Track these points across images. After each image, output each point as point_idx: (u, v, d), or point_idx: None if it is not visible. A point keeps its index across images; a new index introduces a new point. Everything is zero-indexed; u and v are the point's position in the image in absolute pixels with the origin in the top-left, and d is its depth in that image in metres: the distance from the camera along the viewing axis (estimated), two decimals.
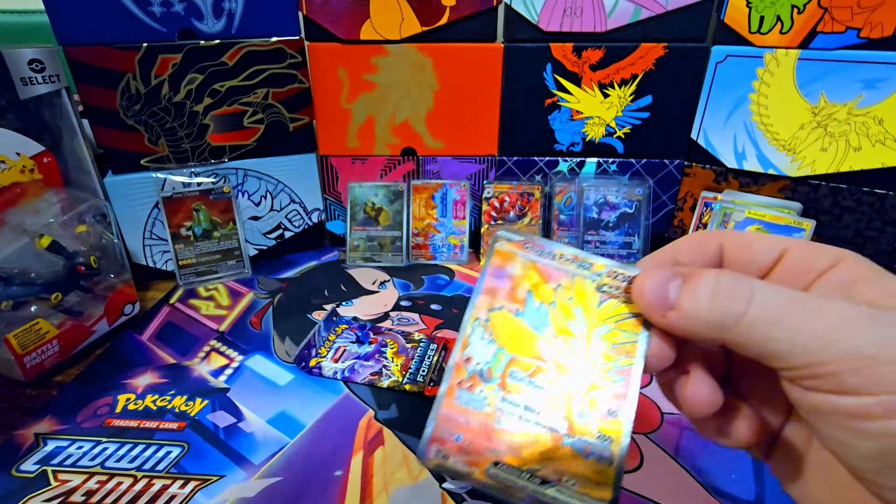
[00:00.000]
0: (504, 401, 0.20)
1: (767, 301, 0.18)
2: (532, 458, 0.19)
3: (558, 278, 0.21)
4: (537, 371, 0.20)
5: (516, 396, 0.20)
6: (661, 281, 0.20)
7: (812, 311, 0.17)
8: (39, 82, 0.48)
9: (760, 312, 0.18)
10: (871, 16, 0.50)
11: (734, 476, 0.36)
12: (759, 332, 0.18)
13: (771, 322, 0.17)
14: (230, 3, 0.54)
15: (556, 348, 0.20)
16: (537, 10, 0.57)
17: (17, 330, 0.43)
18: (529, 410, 0.19)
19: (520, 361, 0.20)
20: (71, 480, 0.36)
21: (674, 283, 0.19)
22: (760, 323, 0.18)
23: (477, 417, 0.19)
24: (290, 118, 0.61)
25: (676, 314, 0.19)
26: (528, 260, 0.21)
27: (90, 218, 0.50)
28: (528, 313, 0.21)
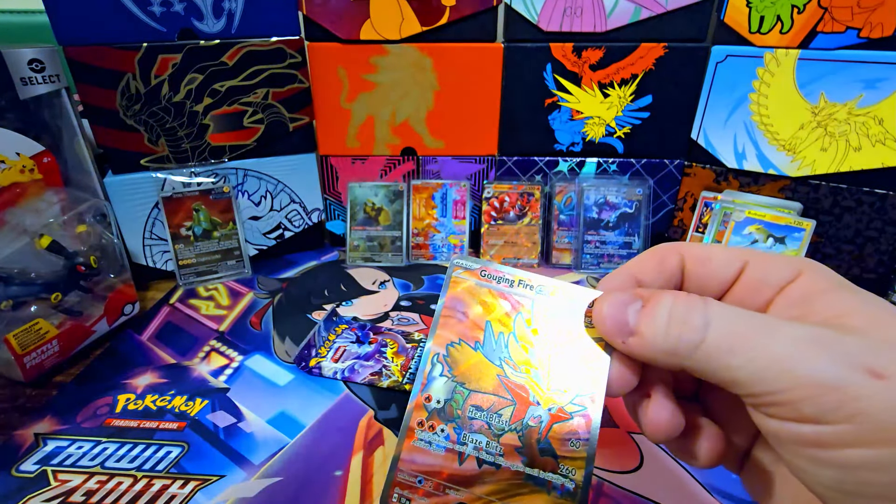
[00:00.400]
0: (465, 439, 0.19)
1: (723, 327, 0.17)
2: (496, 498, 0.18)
3: (517, 306, 0.20)
4: (498, 405, 0.20)
5: (477, 435, 0.19)
6: (620, 306, 0.19)
7: (766, 335, 0.17)
8: (39, 82, 0.48)
9: (716, 340, 0.17)
10: (871, 16, 0.50)
11: (734, 476, 0.36)
12: (716, 361, 0.17)
13: (727, 350, 0.17)
14: (230, 3, 0.54)
15: (517, 380, 0.20)
16: (537, 10, 0.57)
17: (16, 330, 0.43)
18: (491, 448, 0.19)
19: (481, 397, 0.20)
20: (71, 480, 0.36)
21: (632, 308, 0.19)
22: (717, 351, 0.17)
23: (438, 458, 0.19)
24: (290, 118, 0.61)
25: (636, 340, 0.19)
26: (485, 288, 0.20)
27: (90, 218, 0.50)
28: (487, 345, 0.20)
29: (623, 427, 0.40)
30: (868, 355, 0.15)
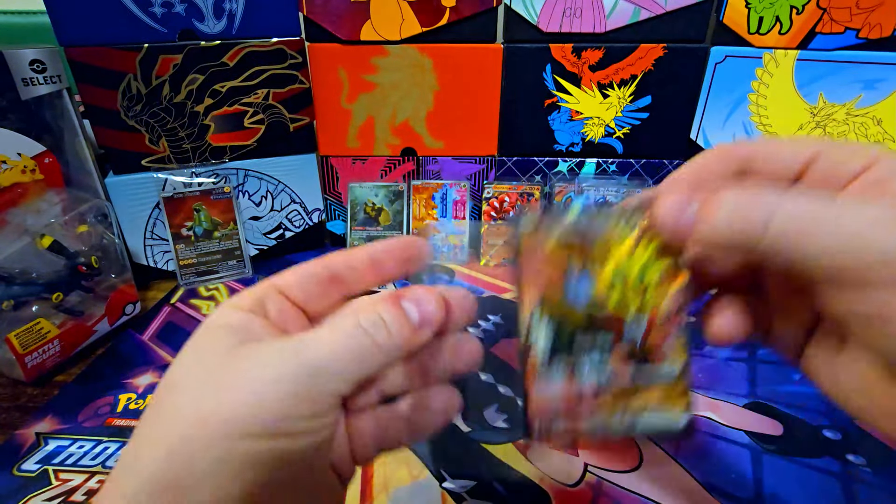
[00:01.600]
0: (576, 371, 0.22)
1: (792, 211, 0.17)
2: (616, 404, 0.21)
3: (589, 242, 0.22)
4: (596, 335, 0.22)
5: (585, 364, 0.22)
6: (678, 208, 0.19)
7: (842, 214, 0.16)
8: (41, 83, 0.48)
9: (785, 224, 0.17)
10: (870, 16, 0.50)
11: (734, 476, 0.37)
12: (784, 244, 0.17)
13: (796, 232, 0.17)
14: (231, 4, 0.54)
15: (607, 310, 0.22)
16: (537, 10, 0.57)
17: (18, 330, 0.43)
18: (602, 370, 0.22)
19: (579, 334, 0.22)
20: (72, 480, 0.36)
21: (690, 209, 0.19)
22: (785, 235, 0.17)
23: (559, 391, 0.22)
24: (291, 118, 0.61)
25: (701, 233, 0.19)
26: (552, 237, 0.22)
27: (91, 218, 0.50)
28: (570, 292, 0.22)
29: None
30: None
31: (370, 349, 0.19)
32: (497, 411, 0.42)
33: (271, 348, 0.19)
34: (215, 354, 0.19)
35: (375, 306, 0.20)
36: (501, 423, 0.41)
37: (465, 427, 0.40)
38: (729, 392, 0.44)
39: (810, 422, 0.41)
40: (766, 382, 0.45)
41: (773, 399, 0.43)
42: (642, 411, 0.21)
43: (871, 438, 0.40)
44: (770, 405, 0.43)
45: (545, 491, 0.35)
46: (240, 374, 0.18)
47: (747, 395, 0.44)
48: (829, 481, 0.36)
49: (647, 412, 0.21)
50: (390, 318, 0.20)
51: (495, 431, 0.40)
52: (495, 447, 0.39)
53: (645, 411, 0.21)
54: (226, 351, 0.19)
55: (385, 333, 0.19)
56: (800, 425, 0.41)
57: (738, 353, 0.49)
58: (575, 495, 0.35)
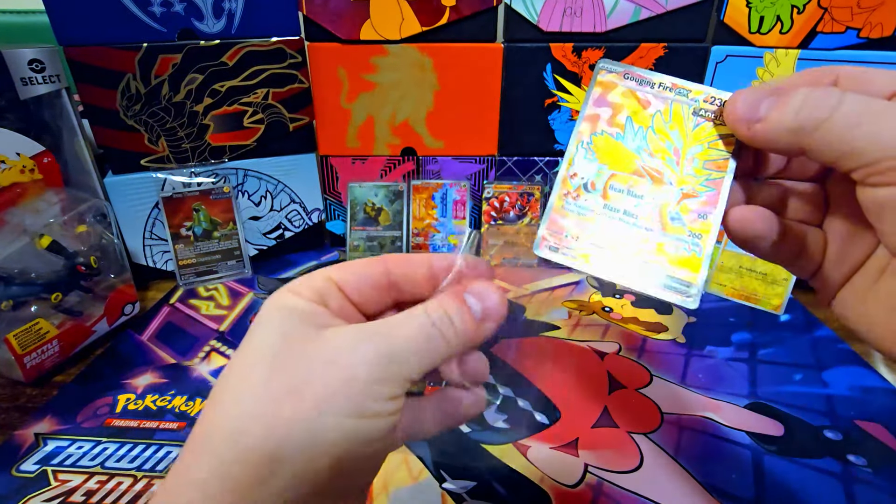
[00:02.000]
0: (605, 207, 0.23)
1: (854, 106, 0.19)
2: (629, 251, 0.22)
3: (656, 105, 0.23)
4: (635, 184, 0.23)
5: (616, 204, 0.23)
6: (756, 96, 0.21)
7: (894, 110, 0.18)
8: (39, 82, 0.48)
9: (844, 117, 0.19)
10: (871, 16, 0.50)
11: (734, 476, 0.36)
12: (840, 133, 0.19)
13: (853, 125, 0.19)
14: (230, 4, 0.54)
15: (653, 165, 0.23)
16: (537, 10, 0.57)
17: (17, 330, 0.43)
18: (628, 215, 0.23)
19: (619, 176, 0.23)
20: (71, 480, 0.36)
21: (767, 100, 0.21)
22: (842, 127, 0.19)
23: (582, 221, 0.23)
24: (290, 118, 0.61)
25: (761, 125, 0.21)
26: (627, 88, 0.23)
27: (90, 218, 0.50)
28: (627, 136, 0.23)
29: (623, 427, 0.40)
30: None
31: (439, 343, 0.20)
32: (497, 411, 0.42)
33: (356, 332, 0.19)
34: (298, 333, 0.19)
35: (441, 301, 0.21)
36: (501, 423, 0.41)
37: (465, 427, 0.40)
38: (730, 392, 0.44)
39: (811, 422, 0.41)
40: (766, 383, 0.45)
41: (773, 399, 0.43)
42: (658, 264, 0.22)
43: (872, 439, 0.39)
44: (771, 406, 0.43)
45: (545, 491, 0.35)
46: (330, 353, 0.19)
47: (748, 395, 0.44)
48: (829, 482, 0.36)
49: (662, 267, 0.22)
50: (456, 314, 0.20)
51: (495, 431, 0.40)
52: (495, 447, 0.39)
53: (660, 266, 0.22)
54: (308, 331, 0.20)
55: (451, 329, 0.20)
56: (800, 426, 0.41)
57: (739, 354, 0.49)
58: (575, 495, 0.35)
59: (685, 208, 0.23)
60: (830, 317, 0.55)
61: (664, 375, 0.46)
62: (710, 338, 0.51)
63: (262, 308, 0.21)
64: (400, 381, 0.19)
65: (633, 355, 0.49)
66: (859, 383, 0.45)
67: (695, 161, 0.23)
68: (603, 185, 0.23)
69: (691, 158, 0.23)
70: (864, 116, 0.19)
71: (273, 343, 0.19)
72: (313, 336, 0.19)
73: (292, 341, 0.19)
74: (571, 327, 0.53)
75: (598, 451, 0.38)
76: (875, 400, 0.43)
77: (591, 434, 0.40)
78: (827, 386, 0.45)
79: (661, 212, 0.23)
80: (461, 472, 0.37)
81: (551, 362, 0.48)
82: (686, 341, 0.51)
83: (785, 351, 0.50)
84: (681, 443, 0.39)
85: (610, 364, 0.47)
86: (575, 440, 0.39)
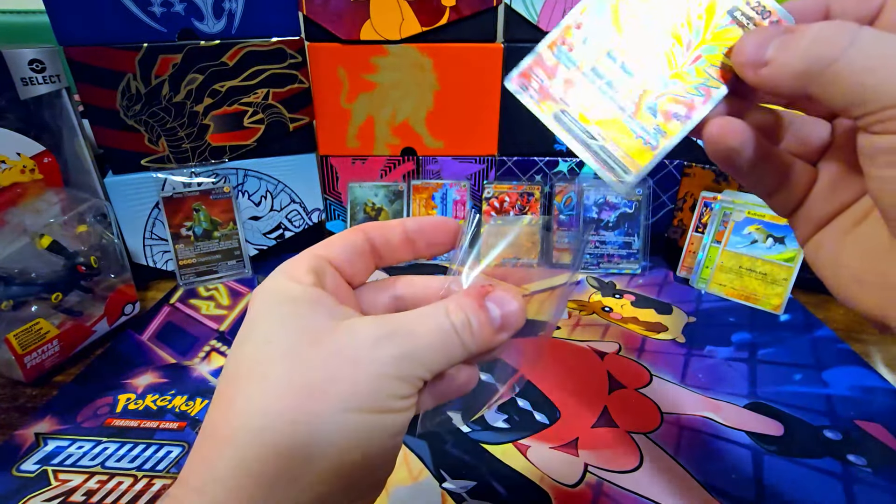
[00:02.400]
0: (592, 70, 0.22)
1: (865, 48, 0.17)
2: (592, 119, 0.22)
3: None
4: (631, 59, 0.22)
5: (604, 71, 0.22)
6: (766, 36, 0.20)
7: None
8: (40, 82, 0.48)
9: (857, 57, 0.17)
10: None
11: (734, 476, 0.36)
12: (849, 77, 0.18)
13: (864, 68, 0.17)
14: (230, 4, 0.54)
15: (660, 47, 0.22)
16: (537, 10, 0.57)
17: (17, 330, 0.43)
18: (609, 86, 0.22)
19: (621, 47, 0.22)
20: (71, 480, 0.36)
21: (777, 39, 0.19)
22: (853, 68, 0.18)
23: (565, 73, 0.22)
24: (290, 118, 0.61)
25: (767, 70, 0.20)
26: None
27: (90, 218, 0.50)
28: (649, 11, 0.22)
29: (623, 427, 0.40)
30: None
31: (456, 346, 0.20)
32: (497, 411, 0.42)
33: (375, 328, 0.19)
34: (314, 327, 0.19)
35: (463, 304, 0.20)
36: (501, 423, 0.41)
37: (465, 427, 0.40)
38: (729, 392, 0.44)
39: (811, 422, 0.41)
40: (766, 383, 0.45)
41: (773, 399, 0.43)
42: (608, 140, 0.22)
43: (872, 439, 0.40)
44: (770, 405, 0.43)
45: (545, 491, 0.35)
46: (352, 350, 0.19)
47: (748, 395, 0.44)
48: (829, 482, 0.36)
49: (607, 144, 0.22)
50: (476, 320, 0.20)
51: (495, 431, 0.40)
52: (495, 447, 0.39)
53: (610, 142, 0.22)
54: (325, 323, 0.19)
55: (469, 335, 0.20)
56: (800, 426, 0.41)
57: (739, 354, 0.49)
58: (575, 495, 0.35)
59: (665, 103, 0.22)
60: (830, 317, 0.55)
61: (664, 375, 0.46)
62: (709, 338, 0.51)
63: (258, 295, 0.21)
64: (415, 380, 0.19)
65: (633, 355, 0.49)
66: (859, 383, 0.45)
67: (701, 61, 0.22)
68: (602, 48, 0.22)
69: (699, 57, 0.22)
70: (874, 60, 0.17)
71: (289, 338, 0.19)
72: (331, 328, 0.19)
73: (309, 335, 0.19)
74: (571, 327, 0.53)
75: (597, 451, 0.38)
76: (875, 400, 0.43)
77: (591, 434, 0.40)
78: (827, 386, 0.45)
79: (642, 96, 0.22)
80: (461, 472, 0.37)
81: (551, 362, 0.48)
82: (686, 341, 0.51)
83: (785, 351, 0.50)
84: (681, 443, 0.39)
85: (610, 364, 0.47)
86: (575, 440, 0.39)
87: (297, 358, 0.18)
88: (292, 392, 0.18)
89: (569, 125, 0.22)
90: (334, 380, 0.18)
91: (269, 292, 0.21)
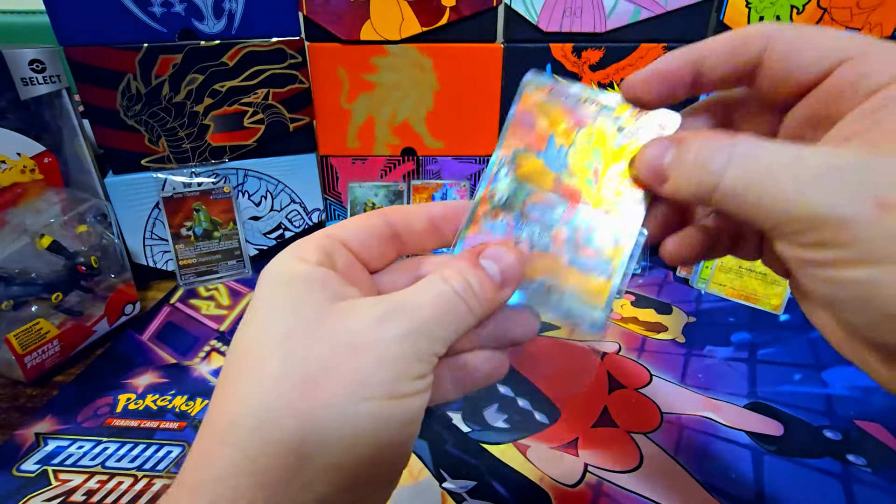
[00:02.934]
0: (521, 227, 0.22)
1: (741, 167, 0.17)
2: (542, 272, 0.22)
3: (581, 121, 0.22)
4: (552, 205, 0.22)
5: (533, 223, 0.22)
6: (659, 150, 0.20)
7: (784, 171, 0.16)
8: (40, 82, 0.48)
9: (732, 181, 0.17)
10: (871, 16, 0.50)
11: (734, 476, 0.37)
12: (732, 200, 0.18)
13: (742, 189, 0.17)
14: (230, 4, 0.54)
15: (572, 184, 0.22)
16: (537, 10, 0.57)
17: (17, 330, 0.43)
18: (543, 235, 0.22)
19: (538, 195, 0.23)
20: (71, 480, 0.36)
21: (668, 154, 0.20)
22: (733, 191, 0.17)
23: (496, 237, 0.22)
24: (291, 118, 0.61)
25: (669, 185, 0.20)
26: (552, 104, 0.22)
27: (91, 218, 0.50)
28: (549, 154, 0.23)
29: (623, 427, 0.41)
30: (884, 184, 0.15)
31: (463, 312, 0.19)
32: (497, 411, 0.42)
33: (375, 306, 0.18)
34: (311, 310, 0.18)
35: (458, 268, 0.20)
36: (501, 423, 0.41)
37: (465, 427, 0.40)
38: (729, 392, 0.44)
39: (811, 422, 0.41)
40: (766, 382, 0.45)
41: (773, 399, 0.43)
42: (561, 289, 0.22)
43: (871, 438, 0.40)
44: (770, 405, 0.43)
45: (545, 491, 0.35)
46: (352, 332, 0.18)
47: (747, 395, 0.44)
48: (829, 482, 0.36)
49: (564, 292, 0.22)
50: (475, 280, 0.20)
51: (495, 431, 0.40)
52: (495, 447, 0.39)
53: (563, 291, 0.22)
54: (322, 305, 0.18)
55: (472, 296, 0.19)
56: (800, 425, 0.41)
57: (739, 354, 0.49)
58: (575, 495, 0.35)
59: (600, 230, 0.22)
60: None
61: (664, 375, 0.46)
62: (709, 337, 0.51)
63: (263, 276, 0.20)
64: (429, 356, 0.18)
65: (633, 355, 0.49)
66: (859, 383, 0.45)
67: (614, 181, 0.22)
68: (521, 203, 0.23)
69: (611, 178, 0.22)
70: (750, 180, 0.17)
71: (285, 322, 0.18)
72: (328, 310, 0.18)
73: (306, 319, 0.18)
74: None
75: (597, 451, 0.38)
76: (875, 400, 0.43)
77: (591, 434, 0.40)
78: (826, 385, 0.45)
79: (577, 233, 0.22)
80: (461, 471, 0.37)
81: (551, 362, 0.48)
82: (685, 341, 0.51)
83: (784, 350, 0.50)
84: (680, 443, 0.39)
85: (610, 364, 0.47)
86: (575, 440, 0.39)
87: (293, 345, 0.17)
88: (290, 384, 0.17)
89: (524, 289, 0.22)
90: (337, 368, 0.17)
91: (273, 274, 0.20)
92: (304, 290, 0.19)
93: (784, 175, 0.16)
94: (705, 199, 0.18)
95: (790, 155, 0.17)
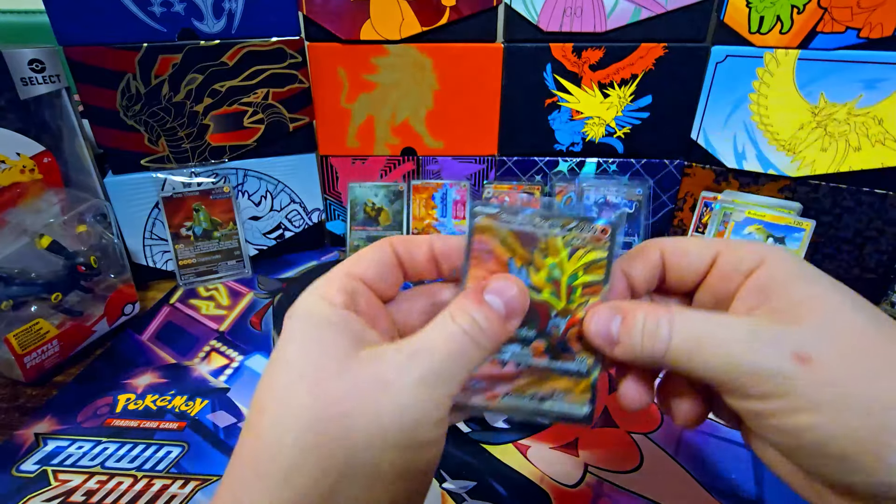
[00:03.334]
0: (504, 350, 0.23)
1: (682, 334, 0.20)
2: (530, 386, 0.23)
3: (534, 241, 0.23)
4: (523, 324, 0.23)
5: (513, 346, 0.23)
6: (605, 318, 0.22)
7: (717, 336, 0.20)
8: (40, 82, 0.48)
9: (678, 347, 0.20)
10: (871, 16, 0.50)
11: (734, 476, 0.36)
12: (680, 363, 0.20)
13: (687, 353, 0.20)
14: (230, 3, 0.54)
15: (538, 299, 0.23)
16: (537, 10, 0.57)
17: (17, 330, 0.43)
18: (524, 353, 0.23)
19: None
20: (71, 480, 0.36)
21: (615, 323, 0.22)
22: (680, 355, 0.20)
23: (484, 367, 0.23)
24: (290, 118, 0.61)
25: (619, 349, 0.22)
26: (505, 229, 0.23)
27: (90, 218, 0.50)
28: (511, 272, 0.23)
29: (623, 427, 0.40)
30: (797, 343, 0.19)
31: (472, 350, 0.20)
32: None
33: (397, 354, 0.19)
34: (335, 357, 0.19)
35: (464, 307, 0.21)
36: (501, 423, 0.41)
37: (465, 427, 0.40)
38: None
39: None
40: None
41: None
42: (550, 396, 0.23)
43: None
44: None
45: (545, 491, 0.35)
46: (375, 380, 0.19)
47: None
48: None
49: (554, 398, 0.23)
50: (480, 316, 0.20)
51: (495, 431, 0.40)
52: (495, 447, 0.39)
53: (553, 397, 0.23)
54: (345, 354, 0.19)
55: (479, 332, 0.20)
56: None
57: None
58: (575, 495, 0.35)
59: (572, 337, 0.23)
60: None
61: None
62: None
63: (292, 316, 0.21)
64: (445, 399, 0.19)
65: None
66: None
67: (574, 289, 0.23)
68: None
69: (571, 287, 0.23)
70: (692, 345, 0.20)
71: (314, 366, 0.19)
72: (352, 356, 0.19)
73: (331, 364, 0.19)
74: None
75: (598, 451, 0.38)
76: None
77: (591, 434, 0.40)
78: None
79: (552, 345, 0.23)
80: (461, 472, 0.37)
81: None
82: None
83: None
84: (681, 443, 0.39)
85: None
86: (575, 440, 0.39)
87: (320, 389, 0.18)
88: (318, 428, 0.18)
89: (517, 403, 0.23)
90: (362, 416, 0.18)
91: (301, 315, 0.21)
92: (331, 336, 0.20)
93: (721, 339, 0.20)
94: (657, 361, 0.21)
95: (720, 323, 0.20)
